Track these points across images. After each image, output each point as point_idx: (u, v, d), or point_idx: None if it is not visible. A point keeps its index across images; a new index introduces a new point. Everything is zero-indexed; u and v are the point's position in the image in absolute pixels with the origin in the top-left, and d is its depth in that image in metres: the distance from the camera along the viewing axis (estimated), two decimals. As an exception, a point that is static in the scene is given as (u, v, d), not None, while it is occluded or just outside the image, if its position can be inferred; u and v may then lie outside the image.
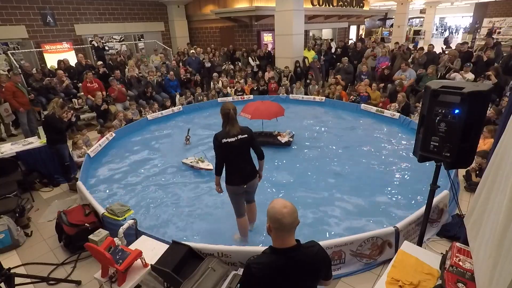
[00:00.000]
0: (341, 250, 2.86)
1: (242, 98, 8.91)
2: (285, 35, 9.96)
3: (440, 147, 2.05)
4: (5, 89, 6.33)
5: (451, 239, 3.19)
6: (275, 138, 5.79)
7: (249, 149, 2.91)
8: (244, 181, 2.93)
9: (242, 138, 2.79)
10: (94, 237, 2.83)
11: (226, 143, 2.74)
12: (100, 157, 5.56)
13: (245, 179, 2.94)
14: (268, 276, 1.42)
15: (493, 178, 1.68)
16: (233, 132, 2.76)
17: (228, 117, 2.76)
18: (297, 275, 1.44)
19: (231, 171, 2.91)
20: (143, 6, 13.07)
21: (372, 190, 4.27)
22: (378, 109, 7.21)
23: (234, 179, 2.90)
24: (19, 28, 9.78)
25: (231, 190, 2.98)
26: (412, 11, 22.96)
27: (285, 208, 1.40)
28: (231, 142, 2.75)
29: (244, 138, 2.80)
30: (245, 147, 2.86)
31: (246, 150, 2.89)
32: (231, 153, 2.82)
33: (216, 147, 2.81)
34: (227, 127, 2.77)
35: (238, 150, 2.81)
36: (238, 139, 2.77)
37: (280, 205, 1.42)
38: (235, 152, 2.82)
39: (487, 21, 21.25)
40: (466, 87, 1.92)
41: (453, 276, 1.76)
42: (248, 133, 2.84)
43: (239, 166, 2.89)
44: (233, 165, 2.89)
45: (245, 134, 2.81)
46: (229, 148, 2.76)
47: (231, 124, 2.77)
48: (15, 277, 2.56)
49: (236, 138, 2.76)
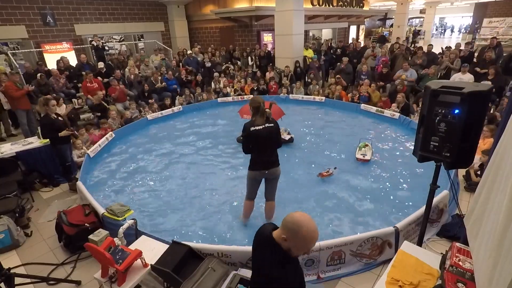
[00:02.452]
0: (341, 250, 2.86)
1: (242, 98, 8.91)
2: (285, 35, 9.96)
3: (440, 147, 2.05)
4: (6, 88, 6.35)
5: (451, 239, 3.19)
6: None
7: (274, 138, 3.12)
8: (266, 167, 3.16)
9: (269, 126, 3.05)
10: (94, 237, 2.82)
11: (254, 131, 3.00)
12: (100, 157, 5.56)
13: (267, 166, 3.16)
14: None
15: (493, 178, 1.68)
16: (260, 121, 3.03)
17: (258, 110, 3.03)
18: None
19: (256, 158, 3.16)
20: (143, 6, 13.07)
21: (372, 190, 4.27)
22: (378, 109, 7.22)
23: (257, 165, 3.16)
24: (19, 28, 9.77)
25: (251, 176, 3.24)
26: (412, 11, 22.98)
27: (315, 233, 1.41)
28: (259, 130, 3.01)
29: (271, 127, 3.06)
30: (271, 135, 3.07)
31: (272, 138, 3.09)
32: (258, 141, 3.05)
33: (245, 136, 3.06)
34: (255, 118, 3.05)
35: (264, 137, 3.04)
36: (265, 127, 3.03)
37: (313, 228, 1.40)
38: (262, 140, 3.05)
39: (487, 21, 21.25)
40: (466, 87, 1.92)
41: (453, 276, 1.76)
42: (274, 123, 3.11)
43: (264, 154, 3.13)
44: (259, 153, 3.13)
45: (272, 123, 3.08)
46: (257, 135, 3.01)
47: (260, 115, 3.04)
48: (15, 277, 2.55)
49: (264, 126, 3.03)
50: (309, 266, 2.83)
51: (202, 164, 5.30)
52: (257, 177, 3.24)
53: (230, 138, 6.36)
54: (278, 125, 3.16)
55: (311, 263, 2.82)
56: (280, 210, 3.62)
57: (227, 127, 7.14)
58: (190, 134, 6.74)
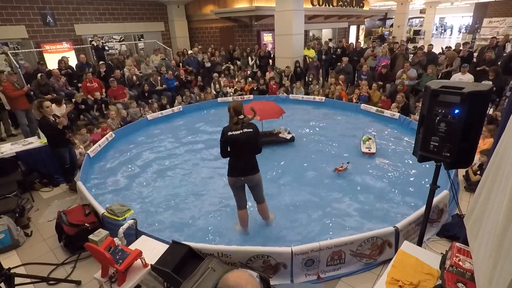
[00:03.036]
0: (341, 250, 2.86)
1: (242, 98, 8.91)
2: (285, 35, 9.96)
3: (440, 147, 2.05)
4: (4, 88, 6.35)
5: (451, 239, 3.19)
6: (277, 136, 5.88)
7: (252, 144, 3.03)
8: (242, 173, 3.08)
9: (247, 132, 2.95)
10: (94, 237, 2.82)
11: (231, 136, 2.93)
12: (100, 158, 5.56)
13: (244, 172, 3.08)
14: None
15: (493, 178, 1.68)
16: (238, 126, 2.94)
17: (234, 113, 2.96)
18: None
19: (233, 163, 3.09)
20: (143, 6, 13.07)
21: (372, 190, 4.27)
22: (378, 109, 7.22)
23: (234, 170, 3.09)
24: (19, 28, 9.77)
25: (230, 182, 3.17)
26: (412, 11, 22.97)
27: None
28: (236, 135, 2.92)
29: (249, 132, 2.96)
30: (249, 141, 2.98)
31: (250, 144, 3.01)
32: (235, 146, 2.98)
33: (223, 140, 2.99)
34: (233, 122, 2.95)
35: (242, 143, 2.96)
36: (243, 132, 2.94)
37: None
38: (239, 145, 2.97)
39: (487, 21, 21.26)
40: (466, 87, 1.92)
41: (453, 276, 1.76)
42: (253, 128, 3.00)
43: (240, 160, 3.05)
44: (236, 158, 3.06)
45: (250, 129, 2.98)
46: (234, 140, 2.94)
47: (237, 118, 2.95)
48: (15, 277, 2.56)
49: (241, 131, 2.94)
50: (309, 266, 2.84)
51: (202, 164, 5.29)
52: (235, 183, 3.15)
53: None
54: (258, 129, 3.07)
55: (311, 263, 2.82)
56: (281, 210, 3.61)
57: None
58: (190, 134, 6.73)
